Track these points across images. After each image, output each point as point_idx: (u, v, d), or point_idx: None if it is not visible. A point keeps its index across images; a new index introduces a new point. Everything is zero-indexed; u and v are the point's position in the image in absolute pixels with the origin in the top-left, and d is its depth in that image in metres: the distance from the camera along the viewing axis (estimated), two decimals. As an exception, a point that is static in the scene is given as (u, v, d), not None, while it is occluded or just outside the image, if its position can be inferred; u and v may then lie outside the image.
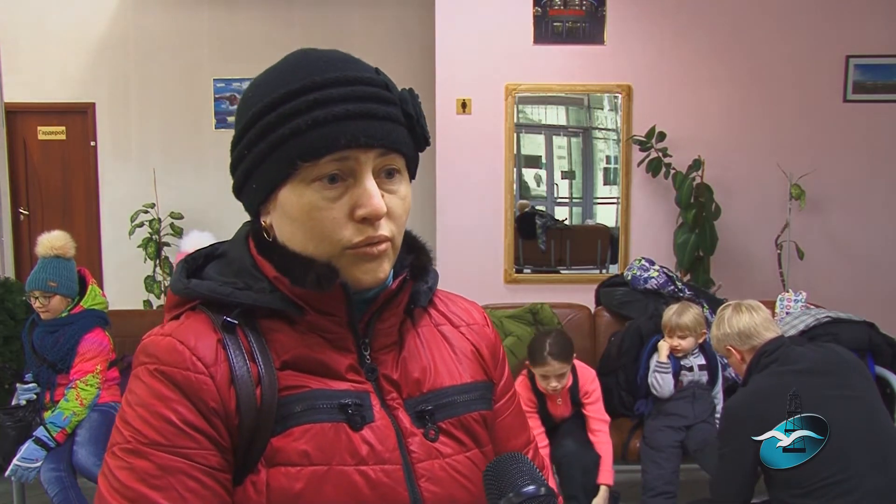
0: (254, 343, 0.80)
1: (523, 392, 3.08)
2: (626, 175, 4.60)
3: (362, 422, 0.80)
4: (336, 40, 5.72)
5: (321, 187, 0.79)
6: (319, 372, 0.82)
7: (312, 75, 0.79)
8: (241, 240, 0.87)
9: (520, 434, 0.99)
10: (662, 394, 3.16)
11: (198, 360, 0.78)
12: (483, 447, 0.89)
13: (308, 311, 0.82)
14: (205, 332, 0.80)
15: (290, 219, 0.81)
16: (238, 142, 0.83)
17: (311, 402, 0.79)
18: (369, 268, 0.81)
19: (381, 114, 0.79)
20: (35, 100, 5.84)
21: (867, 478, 2.04)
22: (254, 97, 0.82)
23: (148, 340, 0.81)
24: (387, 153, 0.80)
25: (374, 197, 0.78)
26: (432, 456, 0.84)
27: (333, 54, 0.83)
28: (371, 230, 0.79)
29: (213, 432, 0.77)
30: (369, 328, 0.85)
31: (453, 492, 0.83)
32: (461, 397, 0.89)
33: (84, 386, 3.02)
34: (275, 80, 0.81)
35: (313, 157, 0.77)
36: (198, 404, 0.77)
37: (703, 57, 4.56)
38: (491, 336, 0.98)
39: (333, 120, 0.77)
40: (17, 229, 5.86)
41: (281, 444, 0.78)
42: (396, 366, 0.86)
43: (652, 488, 3.01)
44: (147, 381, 0.78)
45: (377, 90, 0.81)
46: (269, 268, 0.83)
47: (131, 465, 0.75)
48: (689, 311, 3.19)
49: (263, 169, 0.80)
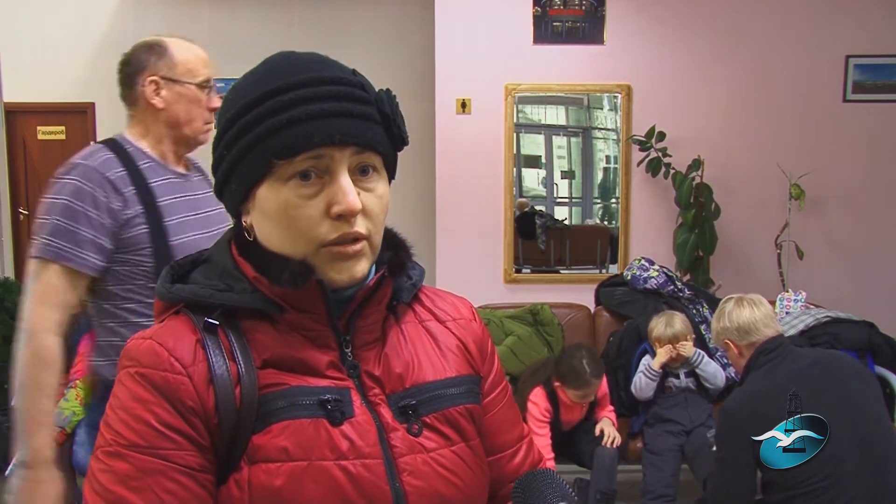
0: (234, 342, 0.82)
1: (540, 402, 3.10)
2: (626, 175, 4.61)
3: (342, 417, 0.81)
4: (336, 40, 5.72)
5: (297, 185, 0.80)
6: (300, 370, 0.82)
7: (288, 76, 0.81)
8: (224, 243, 0.89)
9: (512, 428, 0.99)
10: (640, 396, 3.22)
11: (175, 361, 0.79)
12: (469, 441, 0.89)
13: (288, 310, 0.83)
14: (184, 333, 0.81)
15: (267, 217, 0.82)
16: (218, 142, 0.85)
17: (291, 399, 0.80)
18: (345, 267, 0.82)
19: (356, 112, 0.81)
20: (35, 100, 5.84)
21: (859, 481, 2.03)
22: (233, 99, 0.84)
23: (130, 344, 0.82)
24: (362, 151, 0.81)
25: (349, 194, 0.79)
26: (415, 450, 0.84)
27: (311, 56, 0.85)
28: (347, 227, 0.80)
29: (191, 432, 0.78)
30: (350, 325, 0.85)
31: (437, 486, 0.84)
32: (446, 391, 0.89)
33: (84, 386, 3.02)
34: (253, 82, 0.83)
35: (289, 154, 0.79)
36: (176, 405, 0.78)
37: (703, 57, 4.56)
38: (478, 330, 0.98)
39: (308, 118, 0.78)
40: (17, 229, 5.87)
41: (261, 442, 0.79)
42: (379, 362, 0.87)
43: (651, 491, 3.03)
44: (128, 385, 0.79)
45: (352, 90, 0.82)
46: (249, 269, 0.84)
47: (111, 468, 0.76)
48: (675, 318, 3.21)
49: (241, 168, 0.82)
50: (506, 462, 0.97)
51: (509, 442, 0.98)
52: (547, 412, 3.08)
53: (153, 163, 1.71)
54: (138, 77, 1.73)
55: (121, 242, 1.62)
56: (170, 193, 1.70)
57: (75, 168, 1.62)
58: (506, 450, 0.97)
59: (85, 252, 1.59)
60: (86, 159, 1.64)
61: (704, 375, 3.18)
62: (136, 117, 1.76)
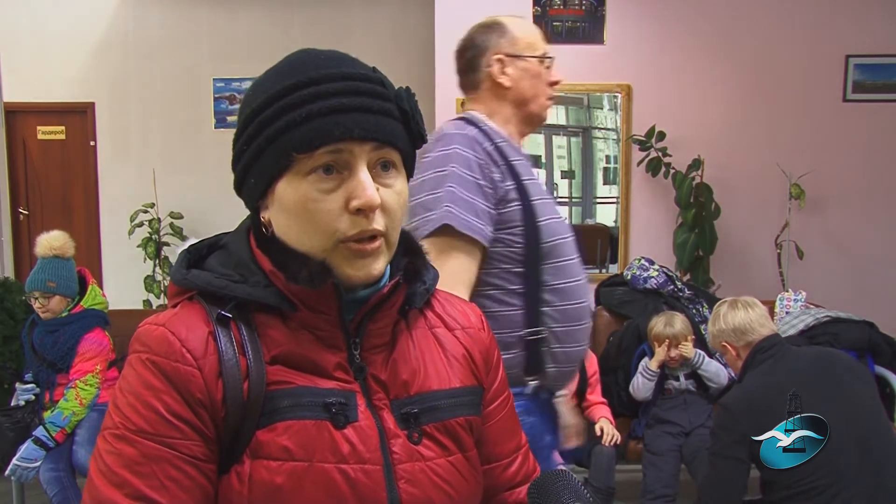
0: (245, 336, 0.82)
1: None
2: (626, 175, 4.60)
3: (345, 421, 0.82)
4: (336, 40, 5.72)
5: (316, 179, 0.80)
6: (308, 369, 0.83)
7: (309, 71, 0.81)
8: (243, 232, 0.89)
9: (511, 438, 0.99)
10: (637, 396, 3.22)
11: (187, 353, 0.79)
12: (466, 452, 0.90)
13: (301, 308, 0.83)
14: (197, 323, 0.82)
15: (286, 211, 0.82)
16: (238, 138, 0.84)
17: (297, 399, 0.81)
18: (362, 264, 0.82)
19: (375, 108, 0.81)
20: (35, 100, 5.84)
21: (857, 480, 2.03)
22: (253, 95, 0.84)
23: (142, 329, 0.83)
24: (381, 147, 0.82)
25: (368, 188, 0.79)
26: (414, 458, 0.84)
27: (332, 53, 0.85)
28: (365, 222, 0.80)
29: (198, 423, 0.79)
30: (361, 328, 0.85)
31: (432, 495, 0.84)
32: (448, 402, 0.89)
33: (84, 386, 3.02)
34: (273, 77, 0.83)
35: (308, 148, 0.79)
36: (185, 395, 0.78)
37: (703, 56, 4.56)
38: (485, 340, 0.98)
39: (328, 112, 0.79)
40: (17, 229, 5.87)
41: (265, 438, 0.79)
42: (386, 366, 0.87)
43: (651, 491, 3.03)
44: (138, 370, 0.80)
45: (372, 86, 0.82)
46: (266, 262, 0.84)
47: (118, 451, 0.77)
48: (676, 318, 3.22)
49: (261, 163, 0.82)
50: (500, 472, 0.97)
51: (506, 452, 0.98)
52: None
53: (506, 142, 1.59)
54: (481, 59, 1.65)
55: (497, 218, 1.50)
56: (527, 174, 1.58)
57: (454, 138, 1.51)
58: (502, 459, 0.98)
59: (482, 223, 1.46)
60: (461, 129, 1.53)
61: (707, 375, 3.18)
62: (478, 100, 1.68)
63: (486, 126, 1.59)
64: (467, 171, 1.47)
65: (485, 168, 1.49)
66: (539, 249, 1.53)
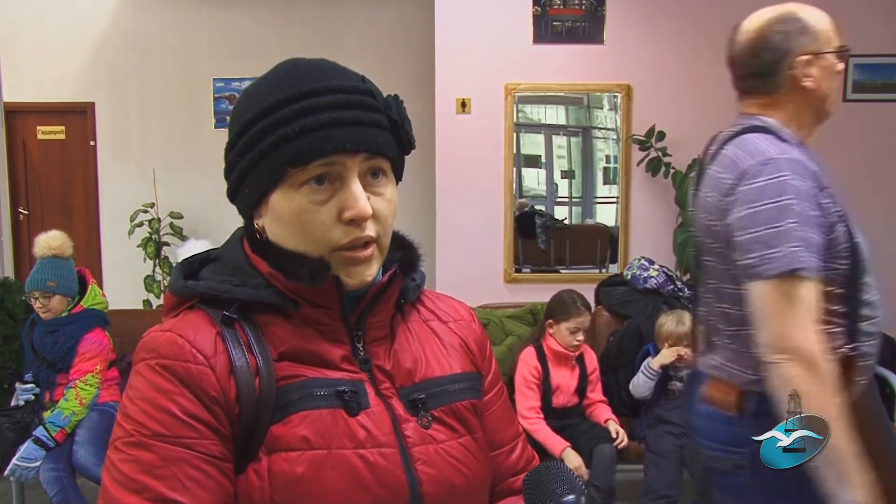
0: (251, 336, 0.84)
1: (529, 360, 3.19)
2: (626, 174, 4.61)
3: (358, 408, 0.84)
4: (335, 40, 5.72)
5: (309, 191, 0.83)
6: (315, 362, 0.85)
7: (300, 84, 0.83)
8: (236, 241, 0.91)
9: (509, 426, 1.03)
10: (637, 395, 3.24)
11: (198, 353, 0.81)
12: (474, 434, 0.92)
13: (302, 305, 0.86)
14: (204, 326, 0.83)
15: (281, 222, 0.85)
16: (231, 149, 0.86)
17: (308, 390, 0.83)
18: (356, 271, 0.86)
19: (366, 120, 0.83)
20: (35, 100, 5.84)
21: None
22: (245, 106, 0.86)
23: (148, 337, 0.84)
24: (372, 157, 0.84)
25: (360, 200, 0.82)
26: (426, 441, 0.87)
27: (321, 63, 0.87)
28: (358, 231, 0.84)
29: (214, 421, 0.80)
30: (361, 321, 0.88)
31: (449, 475, 0.87)
32: (452, 387, 0.92)
33: (83, 385, 3.02)
34: (264, 89, 0.85)
35: (302, 162, 0.82)
36: (199, 395, 0.80)
37: (703, 56, 4.55)
38: (478, 331, 1.02)
39: (320, 127, 0.81)
40: (17, 229, 5.87)
41: (281, 432, 0.81)
42: (388, 357, 0.90)
43: (653, 491, 3.03)
44: (148, 377, 0.81)
45: (362, 98, 0.84)
46: (264, 265, 0.86)
47: (136, 458, 0.77)
48: (685, 316, 3.19)
49: (255, 175, 0.84)
50: (503, 458, 1.00)
51: (507, 439, 1.01)
52: (536, 370, 3.16)
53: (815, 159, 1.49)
54: (783, 61, 1.51)
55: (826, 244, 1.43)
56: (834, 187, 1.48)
57: (782, 165, 1.41)
58: (504, 446, 1.01)
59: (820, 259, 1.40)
60: (784, 153, 1.43)
61: None
62: (775, 106, 1.55)
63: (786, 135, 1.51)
64: (805, 203, 1.40)
65: (816, 197, 1.42)
66: (859, 267, 1.51)
